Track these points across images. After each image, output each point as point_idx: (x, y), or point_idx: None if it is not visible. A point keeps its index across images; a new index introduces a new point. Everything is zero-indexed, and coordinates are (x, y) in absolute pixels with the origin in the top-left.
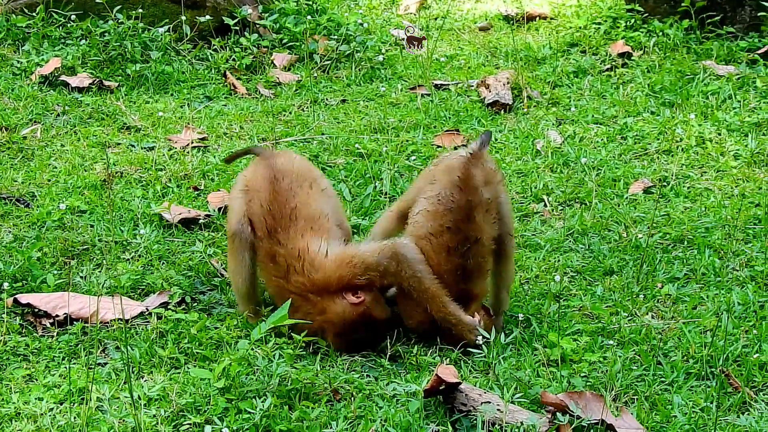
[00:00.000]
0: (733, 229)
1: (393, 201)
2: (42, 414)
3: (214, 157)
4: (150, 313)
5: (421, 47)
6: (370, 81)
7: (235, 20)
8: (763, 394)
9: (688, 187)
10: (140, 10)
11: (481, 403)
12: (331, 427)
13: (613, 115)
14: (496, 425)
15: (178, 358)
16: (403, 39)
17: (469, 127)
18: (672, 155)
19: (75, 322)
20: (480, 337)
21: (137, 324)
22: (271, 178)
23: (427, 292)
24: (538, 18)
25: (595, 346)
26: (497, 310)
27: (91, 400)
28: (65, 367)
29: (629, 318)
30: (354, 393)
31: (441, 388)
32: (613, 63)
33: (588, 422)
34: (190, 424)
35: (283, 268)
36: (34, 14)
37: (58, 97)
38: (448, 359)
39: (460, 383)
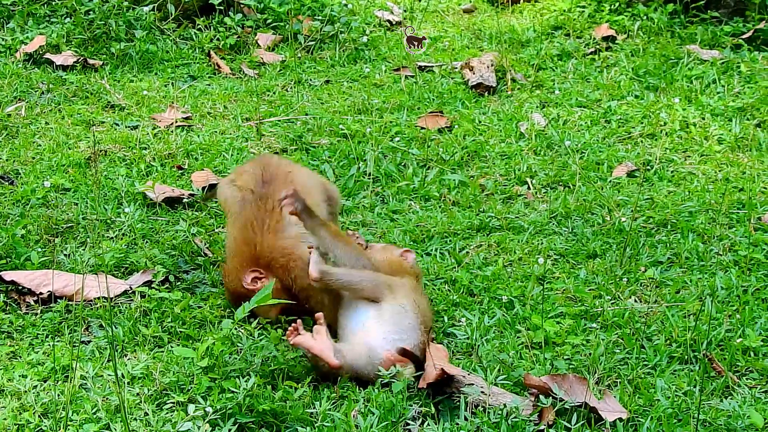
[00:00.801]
0: (717, 214)
1: (376, 182)
2: (26, 391)
3: (198, 136)
4: (134, 292)
5: (421, 47)
6: (354, 62)
7: (220, 0)
8: (746, 379)
9: (672, 171)
10: None
11: (465, 385)
12: (314, 408)
13: (597, 99)
14: (479, 407)
15: (162, 337)
16: (387, 20)
17: (452, 108)
18: (656, 139)
19: (59, 300)
20: None
21: (121, 302)
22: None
23: None
24: (522, 0)
25: (578, 329)
26: None
27: (74, 377)
28: (49, 345)
29: (612, 301)
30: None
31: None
32: (598, 46)
33: (571, 405)
34: (173, 402)
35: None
36: None
37: (42, 75)
38: (434, 339)
39: (450, 385)
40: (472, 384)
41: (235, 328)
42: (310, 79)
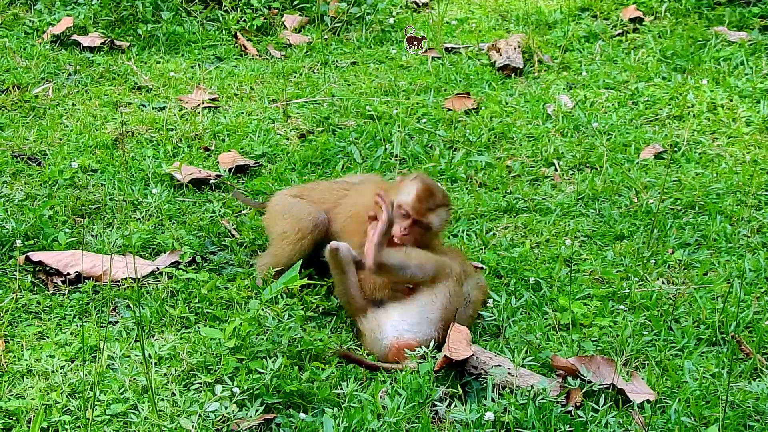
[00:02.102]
0: (745, 196)
1: (403, 163)
2: (53, 371)
3: (225, 117)
4: (161, 273)
5: (422, 47)
6: (381, 43)
7: None
8: None
9: (700, 153)
10: None
11: (492, 366)
12: (341, 389)
13: (624, 80)
14: (506, 389)
15: (189, 318)
16: (413, 1)
17: (479, 90)
18: (683, 121)
19: (86, 281)
20: None
21: (148, 283)
22: None
23: None
24: None
25: (605, 311)
26: None
27: (102, 358)
28: (76, 325)
29: (640, 283)
30: (364, 355)
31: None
32: (625, 28)
33: (598, 386)
34: (200, 383)
35: None
36: None
37: (69, 56)
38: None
39: (468, 358)
40: (500, 365)
41: (262, 309)
42: (337, 61)
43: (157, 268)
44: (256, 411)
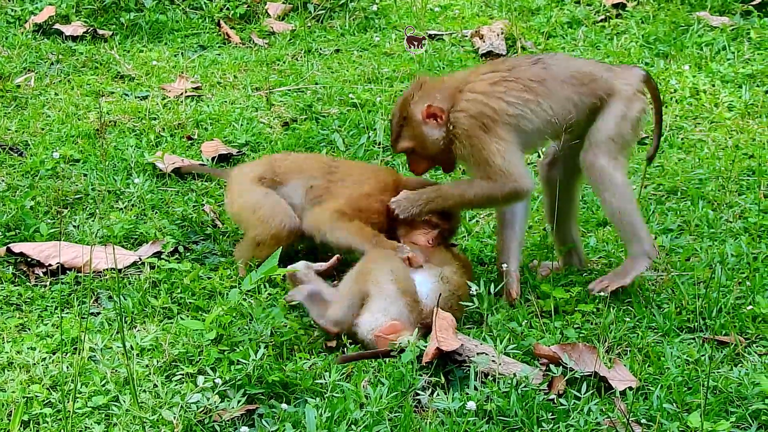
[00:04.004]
0: (727, 181)
1: (386, 151)
2: (35, 363)
3: (208, 106)
4: (143, 263)
5: (422, 47)
6: (364, 31)
7: None
8: (756, 346)
9: (682, 139)
10: None
11: (477, 354)
12: (323, 378)
13: None
14: (489, 376)
15: (171, 308)
16: None
17: None
18: (666, 106)
19: (68, 272)
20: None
21: (130, 273)
22: None
23: None
24: None
25: (588, 298)
26: None
27: (83, 349)
28: (58, 317)
29: None
30: (347, 344)
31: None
32: (608, 13)
33: (581, 374)
34: (182, 374)
35: None
36: None
37: (52, 45)
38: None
39: (458, 355)
40: (483, 353)
41: (244, 299)
42: (320, 48)
43: (140, 258)
44: (239, 402)
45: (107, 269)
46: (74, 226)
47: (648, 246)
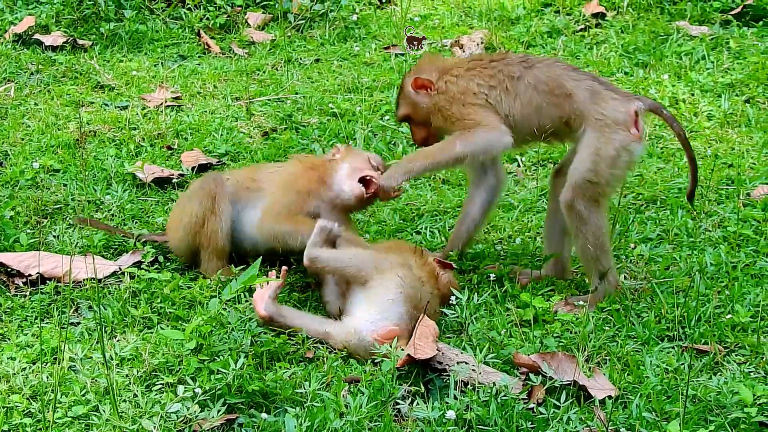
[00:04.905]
0: (706, 190)
1: None
2: (14, 373)
3: (188, 116)
4: (123, 273)
5: (422, 47)
6: (344, 40)
7: None
8: (735, 355)
9: (661, 148)
10: None
11: (456, 362)
12: (303, 388)
13: None
14: (469, 386)
15: (151, 318)
16: None
17: None
18: (645, 115)
19: (48, 282)
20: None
21: (110, 283)
22: None
23: None
24: None
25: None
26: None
27: (63, 359)
28: (38, 327)
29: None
30: (326, 354)
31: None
32: (587, 23)
33: (560, 383)
34: (162, 384)
35: None
36: None
37: (31, 55)
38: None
39: (432, 357)
40: (465, 362)
41: (224, 309)
42: (300, 58)
43: (119, 268)
44: (219, 411)
45: (87, 279)
46: (54, 236)
47: (612, 288)
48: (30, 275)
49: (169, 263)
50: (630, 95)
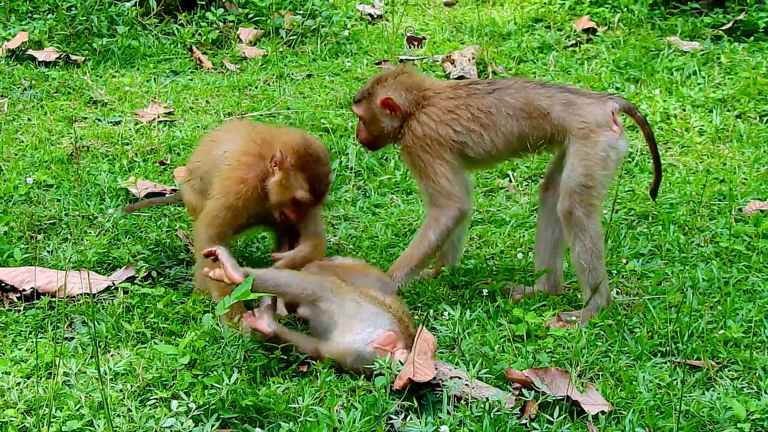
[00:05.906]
0: (698, 205)
1: (358, 176)
2: (9, 388)
3: (181, 131)
4: (116, 288)
5: (422, 47)
6: (336, 56)
7: None
8: (728, 370)
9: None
10: None
11: (450, 378)
12: (297, 403)
13: None
14: (462, 401)
15: (145, 333)
16: (368, 14)
17: None
18: (637, 131)
19: (42, 297)
20: None
21: (104, 298)
22: None
23: None
24: None
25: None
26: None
27: (58, 374)
28: (32, 342)
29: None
30: (320, 369)
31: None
32: (578, 38)
33: (553, 398)
34: (156, 398)
35: None
36: None
37: (25, 71)
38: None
39: (431, 379)
40: (456, 377)
41: (217, 324)
42: (292, 74)
43: (113, 283)
44: (212, 426)
45: (81, 294)
46: (48, 252)
47: (604, 302)
48: (24, 290)
49: (162, 279)
50: (603, 95)
